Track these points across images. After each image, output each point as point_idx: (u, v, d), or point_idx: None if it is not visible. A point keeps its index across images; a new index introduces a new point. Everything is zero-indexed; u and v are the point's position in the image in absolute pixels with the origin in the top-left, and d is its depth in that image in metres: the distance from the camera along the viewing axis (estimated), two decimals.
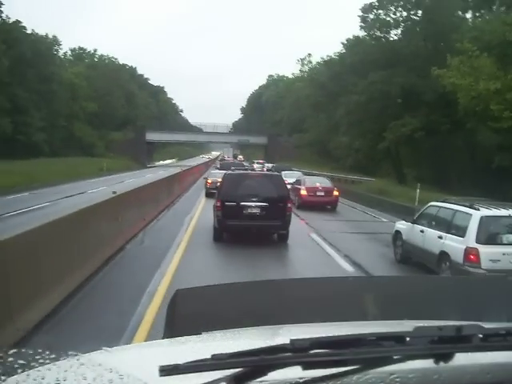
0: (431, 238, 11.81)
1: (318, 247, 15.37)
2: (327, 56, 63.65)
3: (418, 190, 28.21)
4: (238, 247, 14.55)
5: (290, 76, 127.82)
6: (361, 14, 49.59)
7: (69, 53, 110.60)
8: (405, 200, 29.07)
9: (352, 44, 54.59)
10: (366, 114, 46.68)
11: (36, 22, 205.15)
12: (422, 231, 12.40)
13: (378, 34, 50.01)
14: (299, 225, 19.60)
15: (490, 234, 10.69)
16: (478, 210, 10.75)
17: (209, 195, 26.72)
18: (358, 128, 50.10)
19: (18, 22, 69.06)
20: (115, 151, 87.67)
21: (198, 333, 1.78)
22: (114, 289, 9.94)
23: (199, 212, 21.98)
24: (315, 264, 13.05)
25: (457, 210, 11.40)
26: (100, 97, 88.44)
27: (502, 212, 10.84)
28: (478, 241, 10.34)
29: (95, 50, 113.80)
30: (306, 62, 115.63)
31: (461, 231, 10.84)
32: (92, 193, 30.24)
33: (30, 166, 47.38)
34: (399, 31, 48.94)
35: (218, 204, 15.16)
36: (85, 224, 10.26)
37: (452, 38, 41.57)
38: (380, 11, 48.64)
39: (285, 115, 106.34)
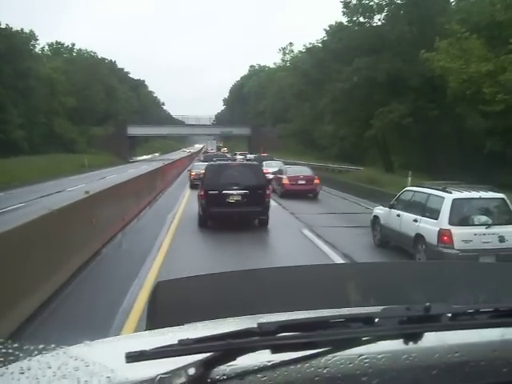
0: (407, 222, 12.12)
1: (311, 243, 14.25)
2: (310, 44, 62.16)
3: (410, 178, 27.28)
4: (222, 247, 13.68)
5: (272, 66, 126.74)
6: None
7: (46, 48, 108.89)
8: (396, 189, 27.57)
9: (335, 30, 53.48)
10: (352, 102, 45.62)
11: (12, 18, 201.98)
12: (398, 215, 12.69)
13: (361, 19, 48.87)
14: (288, 218, 18.76)
15: (461, 215, 11.06)
16: (450, 193, 11.13)
17: (193, 187, 26.76)
18: (344, 116, 49.02)
19: None
20: (97, 147, 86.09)
21: (179, 324, 1.72)
22: (81, 311, 8.20)
23: (182, 208, 20.87)
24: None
25: (430, 194, 11.75)
26: (79, 91, 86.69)
27: (473, 194, 11.26)
28: (450, 222, 10.71)
29: (73, 45, 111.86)
30: (287, 51, 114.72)
31: (434, 214, 11.19)
32: (71, 191, 29.02)
33: (9, 164, 46.10)
34: (383, 16, 47.77)
35: (202, 193, 16.19)
36: (52, 230, 9.15)
37: (437, 21, 40.71)
38: None
39: (268, 105, 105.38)
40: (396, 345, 1.38)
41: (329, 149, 67.52)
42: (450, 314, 1.44)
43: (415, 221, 11.76)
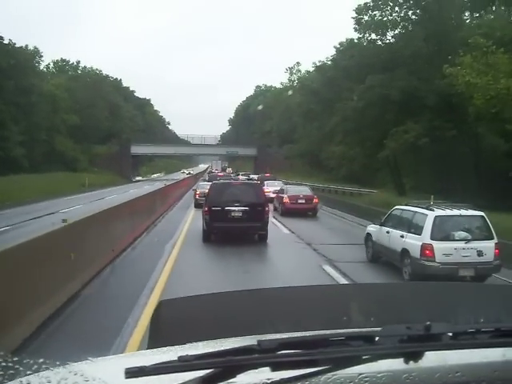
0: (395, 238, 12.95)
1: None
2: (319, 61, 60.22)
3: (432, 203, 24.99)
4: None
5: (278, 86, 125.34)
6: (354, 15, 46.50)
7: (51, 65, 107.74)
8: None
9: (346, 47, 51.66)
10: (364, 121, 43.53)
11: (18, 35, 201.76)
12: (387, 232, 13.52)
13: (374, 36, 47.04)
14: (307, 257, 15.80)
15: (443, 231, 11.87)
16: (433, 210, 12.00)
17: (198, 206, 26.82)
18: (355, 136, 46.94)
19: None
20: (99, 165, 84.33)
21: (182, 343, 1.70)
22: None
23: (183, 237, 18.59)
24: None
25: (415, 212, 12.62)
26: (82, 109, 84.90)
27: (454, 212, 12.09)
28: (432, 238, 11.55)
29: (78, 62, 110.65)
30: (294, 71, 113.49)
31: (418, 230, 12.02)
32: (64, 212, 26.97)
33: (7, 182, 44.35)
34: (397, 32, 45.85)
35: (206, 209, 17.34)
36: (14, 271, 7.04)
37: (455, 37, 38.84)
38: (375, 12, 45.55)
39: (274, 126, 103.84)
40: (396, 364, 1.38)
41: (336, 170, 65.76)
42: (450, 334, 1.45)
43: (402, 236, 12.62)
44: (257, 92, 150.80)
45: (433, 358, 1.41)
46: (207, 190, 19.33)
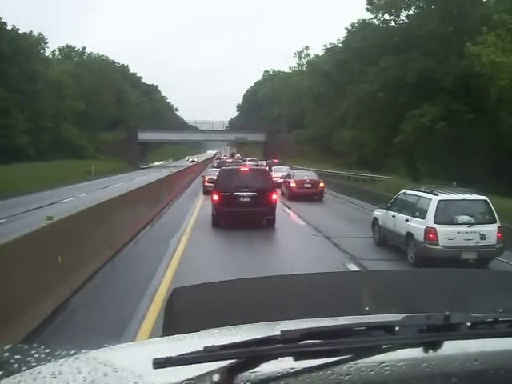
0: (400, 222, 13.15)
1: None
2: (330, 44, 58.43)
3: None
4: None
5: (287, 70, 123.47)
6: None
7: (57, 52, 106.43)
8: None
9: (358, 28, 49.98)
10: (377, 104, 42.00)
11: (25, 21, 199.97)
12: (393, 216, 13.70)
13: (387, 16, 45.37)
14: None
15: (446, 215, 11.97)
16: (437, 195, 12.17)
17: (206, 192, 26.64)
18: (368, 120, 45.42)
19: None
20: (106, 153, 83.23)
21: (195, 330, 1.72)
22: None
23: (191, 228, 17.22)
24: None
25: (420, 196, 12.82)
26: (88, 95, 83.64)
27: (458, 196, 12.24)
28: (436, 221, 11.71)
29: (84, 48, 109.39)
30: (303, 55, 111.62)
31: (422, 214, 12.21)
32: (65, 202, 25.78)
33: (11, 171, 43.37)
34: (411, 12, 44.17)
35: (215, 194, 17.66)
36: None
37: (472, 16, 37.24)
38: None
39: (283, 111, 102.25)
40: (416, 353, 1.40)
41: (347, 155, 64.41)
42: (469, 323, 1.46)
43: (407, 220, 12.80)
44: (265, 77, 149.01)
45: (452, 347, 1.43)
46: (216, 177, 19.76)
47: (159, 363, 1.26)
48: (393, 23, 45.62)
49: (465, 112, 36.03)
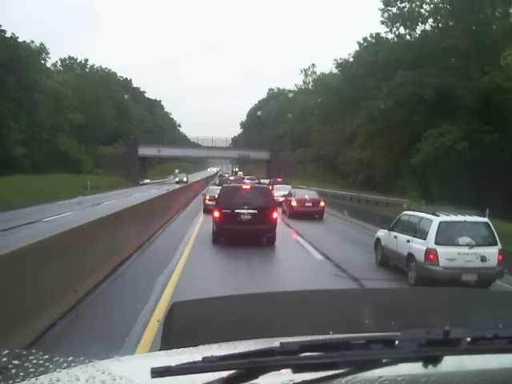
0: (402, 242, 13.07)
1: None
2: (340, 59, 55.82)
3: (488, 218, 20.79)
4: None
5: (293, 88, 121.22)
6: (382, 7, 42.43)
7: (59, 63, 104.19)
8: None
9: (371, 43, 47.48)
10: (391, 123, 39.33)
11: (30, 33, 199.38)
12: (395, 237, 13.58)
13: (402, 30, 42.95)
14: None
15: (447, 236, 11.91)
16: (438, 216, 12.21)
17: (207, 211, 25.69)
18: (380, 139, 42.70)
19: None
20: (105, 167, 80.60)
21: (194, 345, 1.70)
22: None
23: (185, 261, 13.78)
24: None
25: (422, 217, 12.78)
26: (88, 108, 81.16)
27: (459, 218, 12.25)
28: (436, 242, 11.74)
29: (86, 60, 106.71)
30: (309, 73, 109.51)
31: (423, 235, 12.23)
32: (47, 221, 22.99)
33: (1, 183, 40.47)
34: (428, 25, 41.71)
35: (216, 211, 17.53)
36: None
37: (495, 30, 34.76)
38: (404, 3, 41.36)
39: (287, 129, 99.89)
40: (416, 368, 1.39)
41: (354, 176, 61.98)
42: (469, 339, 1.46)
43: (408, 241, 12.69)
44: (269, 95, 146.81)
45: (451, 363, 1.42)
46: (217, 195, 19.49)
47: (157, 372, 1.26)
48: (408, 37, 43.20)
49: (487, 132, 33.32)
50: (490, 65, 34.20)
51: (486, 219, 12.47)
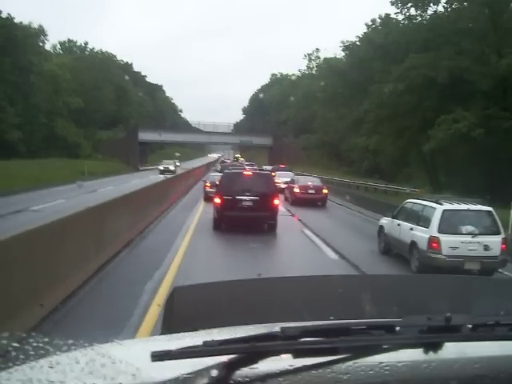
0: (405, 230, 13.17)
1: None
2: (346, 41, 53.59)
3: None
4: None
5: (296, 73, 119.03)
6: None
7: (58, 46, 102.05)
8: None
9: (380, 24, 45.46)
10: (401, 108, 37.43)
11: (30, 14, 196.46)
12: (398, 225, 13.69)
13: (413, 11, 40.92)
14: None
15: (450, 224, 11.90)
16: (441, 204, 12.22)
17: (207, 199, 24.97)
18: (389, 125, 40.80)
19: None
20: (104, 152, 78.71)
21: (195, 330, 1.70)
22: None
23: (180, 260, 11.88)
24: None
25: (425, 205, 12.83)
26: (87, 91, 79.04)
27: (462, 206, 12.30)
28: (439, 231, 11.73)
29: (86, 43, 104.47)
30: (313, 58, 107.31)
31: (426, 223, 12.22)
32: (34, 211, 21.32)
33: None
34: (440, 7, 39.67)
35: (217, 198, 17.42)
36: None
37: None
38: None
39: (291, 114, 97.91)
40: (416, 354, 1.39)
41: (358, 163, 60.34)
42: (470, 325, 1.46)
43: (411, 229, 12.78)
44: (272, 80, 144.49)
45: (452, 350, 1.43)
46: (218, 182, 19.59)
47: (158, 356, 1.25)
48: (419, 18, 41.20)
49: (504, 118, 31.45)
50: (507, 47, 32.40)
51: (489, 208, 12.32)
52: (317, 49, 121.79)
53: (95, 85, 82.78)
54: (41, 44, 76.89)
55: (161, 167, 63.67)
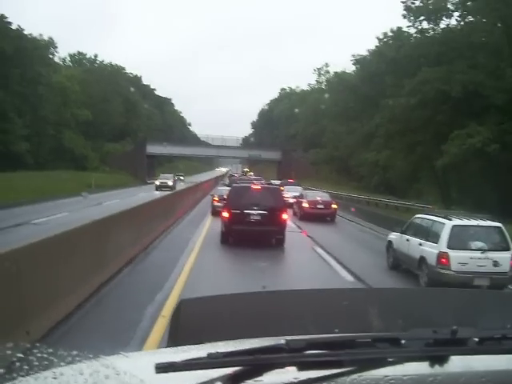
0: (414, 245, 13.00)
1: None
2: (357, 55, 53.03)
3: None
4: None
5: (305, 88, 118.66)
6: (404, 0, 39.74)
7: (68, 59, 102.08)
8: None
9: (392, 38, 44.90)
10: (413, 122, 36.72)
11: (41, 27, 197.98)
12: (407, 240, 13.51)
13: (425, 25, 40.33)
14: None
15: (459, 240, 11.74)
16: (450, 219, 12.08)
17: (215, 213, 24.24)
18: (401, 140, 40.06)
19: None
20: (112, 165, 78.29)
21: (201, 343, 1.67)
22: None
23: (180, 290, 10.36)
24: None
25: (434, 221, 12.69)
26: (95, 103, 78.92)
27: (472, 222, 12.14)
28: (448, 246, 11.54)
29: (96, 56, 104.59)
30: (322, 72, 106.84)
31: (436, 238, 12.02)
32: (35, 224, 20.66)
33: (1, 179, 38.29)
34: (453, 20, 39.06)
35: (225, 211, 17.30)
36: None
37: None
38: None
39: (300, 129, 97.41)
40: (422, 367, 1.38)
41: (368, 178, 59.62)
42: (476, 339, 1.45)
43: (420, 244, 12.60)
44: (281, 95, 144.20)
45: (458, 363, 1.41)
46: (226, 196, 19.49)
47: (162, 368, 1.26)
48: (432, 32, 40.58)
49: None
50: None
51: (499, 224, 12.20)
52: (326, 63, 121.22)
53: (104, 97, 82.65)
54: (50, 56, 77.02)
55: (157, 182, 55.59)
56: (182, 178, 74.76)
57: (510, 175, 35.19)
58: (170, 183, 54.48)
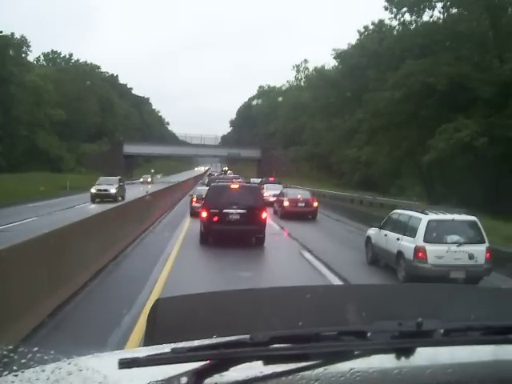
0: (392, 240, 13.25)
1: None
2: (335, 50, 51.66)
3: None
4: None
5: (284, 85, 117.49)
6: None
7: (42, 58, 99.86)
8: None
9: (374, 31, 43.82)
10: (398, 117, 35.63)
11: (14, 26, 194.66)
12: (385, 235, 13.76)
13: (407, 17, 39.28)
14: None
15: (435, 234, 12.07)
16: (427, 214, 12.49)
17: (194, 214, 23.49)
18: (386, 135, 38.98)
19: None
20: (88, 166, 76.39)
21: (177, 341, 1.60)
22: None
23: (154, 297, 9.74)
24: None
25: (411, 216, 12.96)
26: (70, 103, 76.85)
27: (447, 216, 12.48)
28: (425, 240, 11.85)
29: (70, 55, 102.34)
30: (301, 69, 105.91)
31: (413, 233, 12.32)
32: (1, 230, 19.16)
33: None
34: (436, 12, 38.05)
35: (204, 211, 17.15)
36: None
37: None
38: None
39: (279, 126, 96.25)
40: (388, 360, 1.38)
41: (349, 175, 58.61)
42: (442, 330, 1.46)
43: (398, 239, 12.88)
44: (260, 92, 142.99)
45: (424, 355, 1.41)
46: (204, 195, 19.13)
47: (125, 363, 1.23)
48: (414, 24, 39.57)
49: (509, 126, 29.63)
50: (508, 52, 30.82)
51: (473, 218, 12.51)
52: (305, 60, 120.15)
53: (78, 96, 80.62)
54: (23, 55, 74.95)
55: (93, 190, 38.00)
56: (157, 177, 72.32)
57: (497, 170, 34.36)
58: (113, 190, 37.26)
